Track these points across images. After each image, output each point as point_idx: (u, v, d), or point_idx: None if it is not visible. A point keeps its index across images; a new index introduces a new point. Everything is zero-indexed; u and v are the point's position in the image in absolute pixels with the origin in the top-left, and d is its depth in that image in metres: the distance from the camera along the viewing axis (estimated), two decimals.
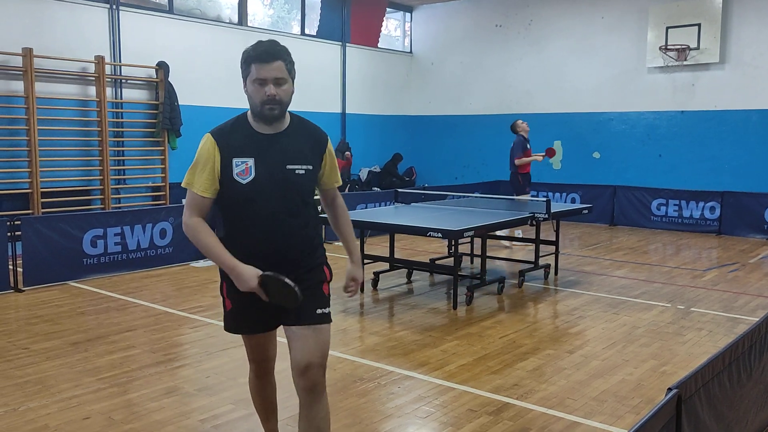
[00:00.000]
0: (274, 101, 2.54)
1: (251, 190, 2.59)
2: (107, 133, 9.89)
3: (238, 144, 2.60)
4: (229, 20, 12.17)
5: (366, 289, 7.03)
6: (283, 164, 2.62)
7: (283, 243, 2.66)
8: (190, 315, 5.94)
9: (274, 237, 2.64)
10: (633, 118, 12.72)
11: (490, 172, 14.43)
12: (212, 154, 2.59)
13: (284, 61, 2.56)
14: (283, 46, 2.59)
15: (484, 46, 14.53)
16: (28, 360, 4.75)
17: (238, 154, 2.59)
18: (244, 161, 2.59)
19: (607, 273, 8.06)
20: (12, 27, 9.03)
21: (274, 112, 2.57)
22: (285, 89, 2.57)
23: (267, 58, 2.53)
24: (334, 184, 2.89)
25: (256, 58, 2.53)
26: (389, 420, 3.82)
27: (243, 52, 2.57)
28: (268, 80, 2.52)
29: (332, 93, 13.96)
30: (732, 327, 5.72)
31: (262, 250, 2.65)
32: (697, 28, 11.56)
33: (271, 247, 2.65)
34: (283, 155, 2.63)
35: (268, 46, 2.56)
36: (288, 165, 2.63)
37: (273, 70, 2.53)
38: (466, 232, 6.04)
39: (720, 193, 11.27)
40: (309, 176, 2.69)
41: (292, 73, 2.62)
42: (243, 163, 2.59)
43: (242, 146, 2.60)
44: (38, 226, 7.01)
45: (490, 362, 4.79)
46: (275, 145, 2.63)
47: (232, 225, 2.69)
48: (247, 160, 2.59)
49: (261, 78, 2.52)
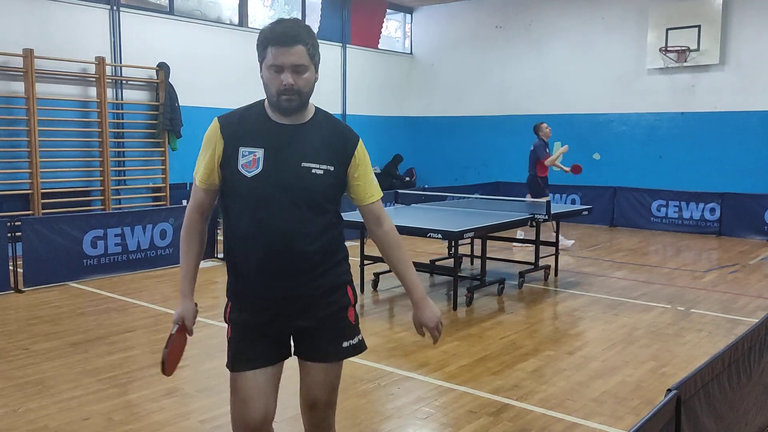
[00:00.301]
0: (291, 91, 2.18)
1: (257, 186, 2.21)
2: (107, 134, 9.89)
3: (247, 131, 2.25)
4: (230, 21, 12.18)
5: (366, 290, 7.04)
6: (299, 161, 2.23)
7: (290, 258, 2.24)
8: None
9: (279, 248, 2.23)
10: (633, 119, 12.73)
11: (491, 174, 14.45)
12: (214, 140, 2.27)
13: (306, 45, 2.18)
14: (305, 27, 2.23)
15: (484, 47, 14.54)
16: (28, 361, 4.75)
17: (246, 142, 2.24)
18: (252, 152, 2.23)
19: (607, 274, 8.06)
20: (12, 28, 9.03)
21: (292, 104, 2.21)
22: (306, 78, 2.20)
23: (286, 41, 2.16)
24: (369, 198, 2.37)
25: (274, 40, 2.17)
26: (389, 421, 3.83)
27: (260, 32, 2.23)
28: (285, 67, 2.16)
29: (333, 94, 13.96)
30: (732, 328, 5.72)
31: (267, 265, 2.24)
32: (697, 30, 11.57)
33: (278, 262, 2.24)
34: (300, 150, 2.25)
35: (288, 26, 2.18)
36: (304, 162, 2.23)
37: (292, 55, 2.16)
38: (466, 233, 6.04)
39: (720, 194, 11.27)
40: (329, 178, 2.26)
41: (316, 59, 2.24)
42: (251, 153, 2.23)
43: (252, 134, 2.25)
44: (38, 227, 7.01)
45: (490, 363, 4.79)
46: (292, 138, 2.26)
47: (233, 232, 2.30)
48: (256, 150, 2.23)
49: (277, 64, 2.17)
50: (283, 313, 2.31)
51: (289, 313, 2.31)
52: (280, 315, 2.31)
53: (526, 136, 13.98)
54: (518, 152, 14.09)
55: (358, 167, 2.34)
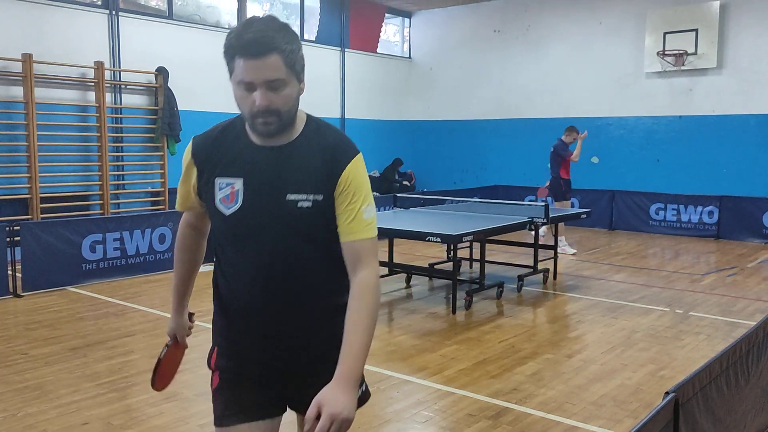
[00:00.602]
0: (267, 113, 1.75)
1: (237, 224, 1.86)
2: (106, 138, 9.91)
3: (224, 157, 1.87)
4: (229, 25, 12.20)
5: None
6: (283, 192, 1.83)
7: (280, 306, 1.89)
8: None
9: (265, 296, 1.88)
10: (631, 122, 12.76)
11: (489, 177, 14.47)
12: (187, 166, 1.93)
13: (282, 53, 1.72)
14: (282, 27, 1.75)
15: (482, 51, 14.57)
16: (26, 365, 4.75)
17: (223, 171, 1.86)
18: (229, 183, 1.85)
19: (605, 277, 8.07)
20: (11, 33, 9.05)
21: (270, 128, 1.78)
22: (285, 94, 1.76)
23: (256, 51, 1.70)
24: (350, 235, 1.84)
25: (241, 49, 1.72)
26: (388, 425, 3.83)
27: (226, 36, 1.78)
28: (258, 84, 1.73)
29: (331, 98, 13.98)
30: (730, 331, 5.73)
31: (259, 309, 1.90)
32: (694, 34, 11.60)
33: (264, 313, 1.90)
34: (285, 179, 1.84)
35: (259, 31, 1.71)
36: (289, 194, 1.83)
37: (265, 69, 1.71)
38: (464, 236, 6.05)
39: (718, 197, 11.29)
40: (319, 210, 1.83)
41: (297, 67, 1.78)
42: (228, 185, 1.85)
43: (230, 160, 1.86)
44: (37, 232, 7.02)
45: (489, 367, 4.79)
46: (275, 164, 1.84)
47: (219, 266, 1.97)
48: (234, 181, 1.85)
49: (247, 81, 1.73)
50: (279, 360, 1.95)
51: (286, 361, 1.95)
52: (276, 363, 1.95)
53: (524, 140, 14.05)
54: (517, 155, 14.15)
55: (342, 193, 1.84)
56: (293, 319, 1.90)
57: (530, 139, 13.91)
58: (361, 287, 1.82)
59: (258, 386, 1.95)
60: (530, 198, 12.77)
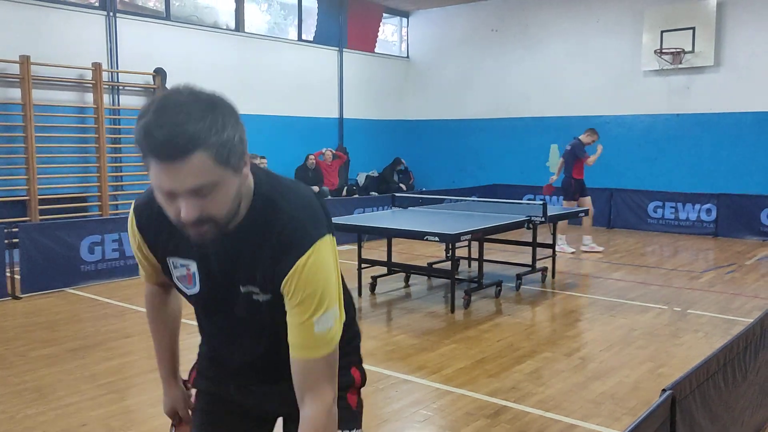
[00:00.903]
0: (198, 222, 1.38)
1: (199, 303, 1.70)
2: (105, 139, 9.91)
3: (173, 237, 1.57)
4: (226, 26, 12.20)
5: (364, 294, 7.04)
6: (236, 283, 1.57)
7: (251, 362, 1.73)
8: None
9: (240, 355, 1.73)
10: (629, 121, 12.76)
11: (487, 176, 14.47)
12: (133, 235, 1.68)
13: (209, 149, 1.30)
14: (206, 110, 1.32)
15: (480, 50, 14.58)
16: (25, 367, 4.75)
17: (174, 252, 1.61)
18: (184, 264, 1.61)
19: (604, 275, 8.08)
20: (9, 34, 9.04)
21: (205, 238, 1.43)
22: (219, 200, 1.38)
23: (171, 154, 1.29)
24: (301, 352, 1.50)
25: (154, 151, 1.30)
26: (387, 424, 3.83)
27: (136, 122, 1.34)
28: (179, 194, 1.34)
29: (329, 98, 13.99)
30: (728, 328, 5.74)
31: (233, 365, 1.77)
32: (691, 32, 11.61)
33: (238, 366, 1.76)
34: (234, 269, 1.56)
35: (173, 125, 1.28)
36: (242, 286, 1.56)
37: (186, 175, 1.31)
38: (463, 235, 6.05)
39: (716, 195, 11.30)
40: (277, 305, 1.54)
41: (233, 160, 1.36)
42: (183, 266, 1.62)
43: (178, 239, 1.55)
44: (35, 234, 7.01)
45: (487, 365, 4.80)
46: (223, 251, 1.55)
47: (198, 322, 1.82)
48: (188, 263, 1.61)
49: (166, 191, 1.35)
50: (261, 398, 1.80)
51: (270, 398, 1.79)
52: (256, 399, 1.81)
53: (522, 139, 14.06)
54: (515, 154, 14.16)
55: (290, 300, 1.49)
56: (266, 376, 1.74)
57: (528, 138, 13.92)
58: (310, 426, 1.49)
59: (238, 415, 1.84)
60: (528, 197, 12.78)
